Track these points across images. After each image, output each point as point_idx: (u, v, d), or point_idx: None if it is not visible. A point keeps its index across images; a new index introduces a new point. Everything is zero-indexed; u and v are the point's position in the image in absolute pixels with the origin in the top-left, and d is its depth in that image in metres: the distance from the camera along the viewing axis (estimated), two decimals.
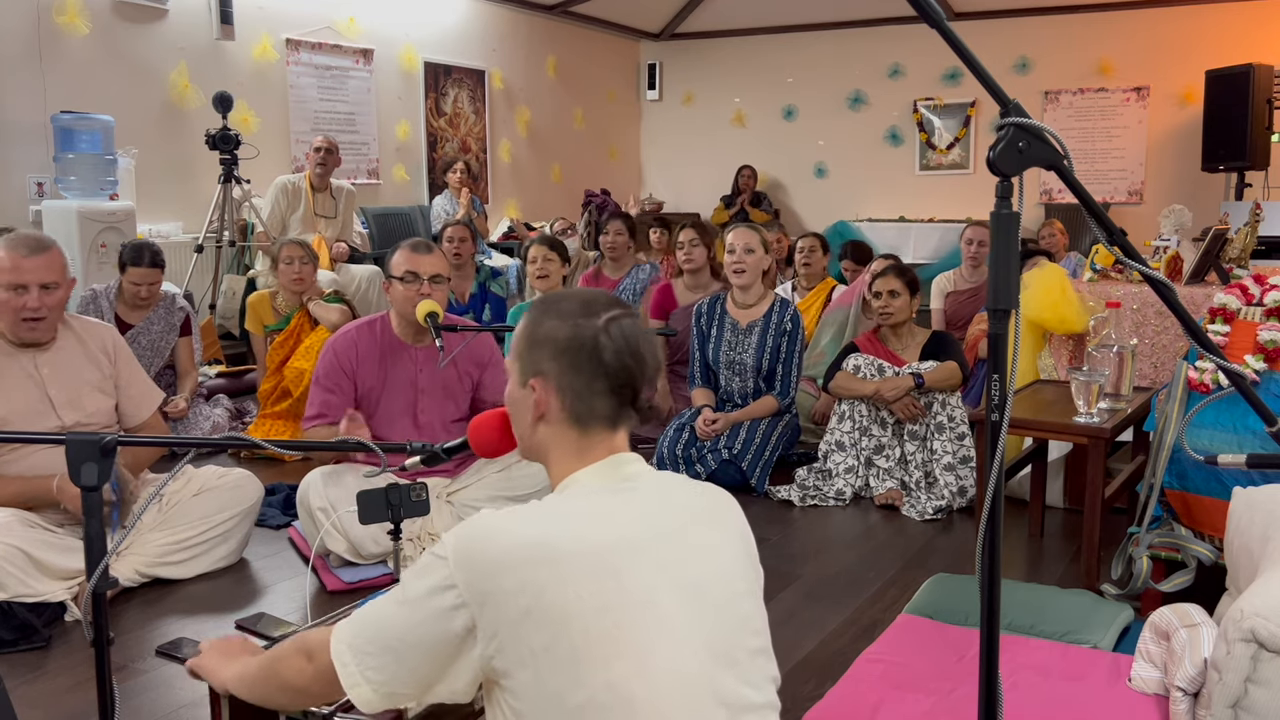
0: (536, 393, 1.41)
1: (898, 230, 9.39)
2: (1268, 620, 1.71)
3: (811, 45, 10.28)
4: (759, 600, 1.44)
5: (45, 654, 2.65)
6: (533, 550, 1.25)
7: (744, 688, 1.35)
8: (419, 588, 1.28)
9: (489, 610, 1.24)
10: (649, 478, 1.42)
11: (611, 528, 1.31)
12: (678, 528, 1.37)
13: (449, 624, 1.26)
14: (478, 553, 1.26)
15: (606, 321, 1.40)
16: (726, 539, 1.43)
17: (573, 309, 1.42)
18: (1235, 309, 2.95)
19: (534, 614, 1.23)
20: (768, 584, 1.51)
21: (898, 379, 3.93)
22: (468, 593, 1.25)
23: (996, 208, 1.25)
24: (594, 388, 1.40)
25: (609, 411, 1.41)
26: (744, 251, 4.26)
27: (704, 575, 1.35)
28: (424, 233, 7.70)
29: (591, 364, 1.39)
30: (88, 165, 5.55)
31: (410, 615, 1.28)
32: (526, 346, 1.44)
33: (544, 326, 1.42)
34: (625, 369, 1.40)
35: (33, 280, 2.86)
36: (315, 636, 1.41)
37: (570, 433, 1.41)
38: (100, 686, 1.67)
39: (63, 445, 1.64)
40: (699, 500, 1.44)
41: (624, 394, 1.41)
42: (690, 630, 1.30)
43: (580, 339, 1.39)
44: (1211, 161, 8.05)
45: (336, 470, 3.22)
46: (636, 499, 1.38)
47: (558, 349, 1.40)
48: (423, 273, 3.28)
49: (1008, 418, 1.26)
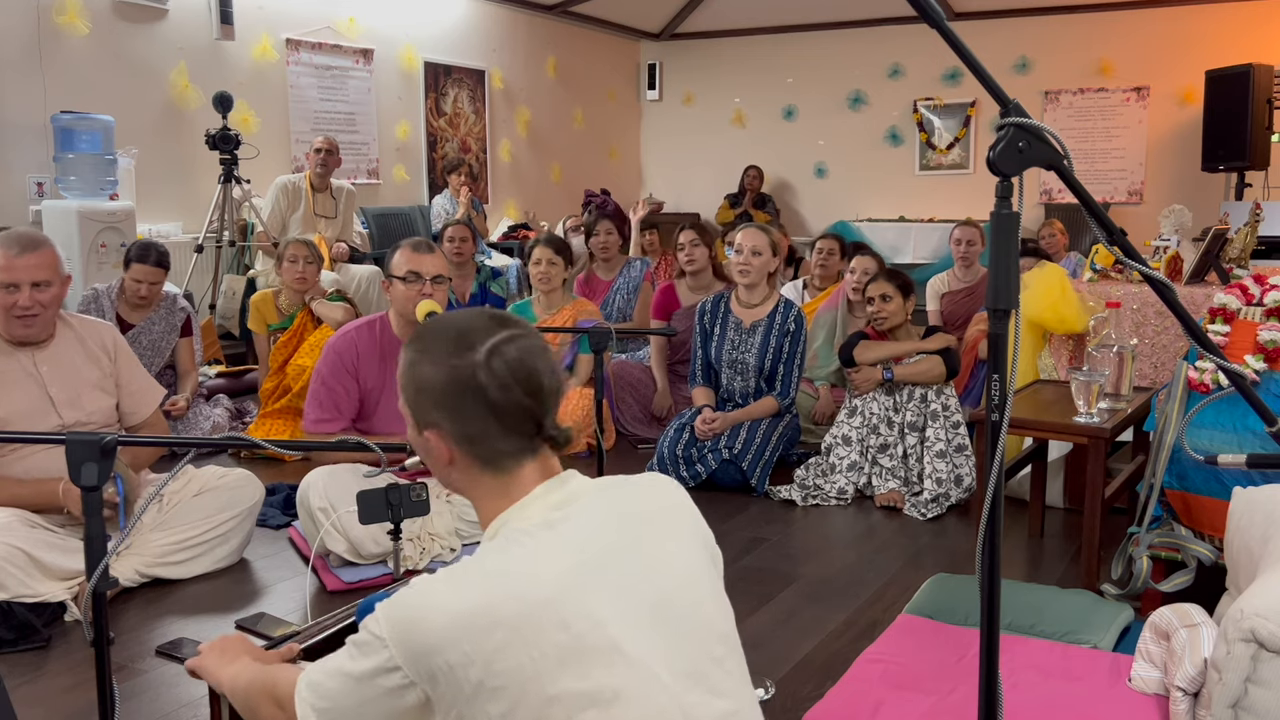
0: (433, 444, 1.34)
1: (898, 230, 9.40)
2: (1268, 620, 1.71)
3: (811, 45, 10.28)
4: (720, 598, 1.39)
5: (45, 654, 2.65)
6: (472, 620, 1.18)
7: (714, 699, 1.30)
8: (364, 666, 1.23)
9: (440, 686, 1.20)
10: (584, 499, 1.33)
11: (551, 570, 1.23)
12: (627, 544, 1.30)
13: (402, 699, 1.23)
14: (414, 632, 1.19)
15: (487, 355, 1.30)
16: (679, 541, 1.36)
17: (445, 347, 1.31)
18: (1235, 309, 2.95)
19: (487, 684, 1.18)
20: (768, 584, 1.51)
21: (870, 370, 4.01)
22: (413, 672, 1.20)
23: (996, 208, 1.25)
24: (489, 431, 1.31)
25: (515, 449, 1.33)
26: (751, 253, 4.26)
27: (660, 591, 1.29)
28: (424, 233, 7.70)
29: (478, 407, 1.29)
30: (88, 165, 5.55)
31: (361, 691, 1.24)
32: (412, 393, 1.35)
33: (421, 372, 1.33)
34: (516, 404, 1.30)
35: (24, 279, 2.86)
36: (284, 686, 1.38)
37: (482, 475, 1.34)
38: (100, 686, 1.67)
39: (63, 445, 1.64)
40: (644, 505, 1.37)
41: (525, 427, 1.32)
42: (653, 659, 1.25)
43: (459, 381, 1.30)
44: (1211, 161, 8.05)
45: (336, 470, 3.22)
46: (574, 528, 1.29)
47: (436, 396, 1.31)
48: (424, 272, 3.28)
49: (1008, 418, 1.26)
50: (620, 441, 4.82)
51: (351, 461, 3.26)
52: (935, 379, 3.94)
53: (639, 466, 4.29)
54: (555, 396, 1.35)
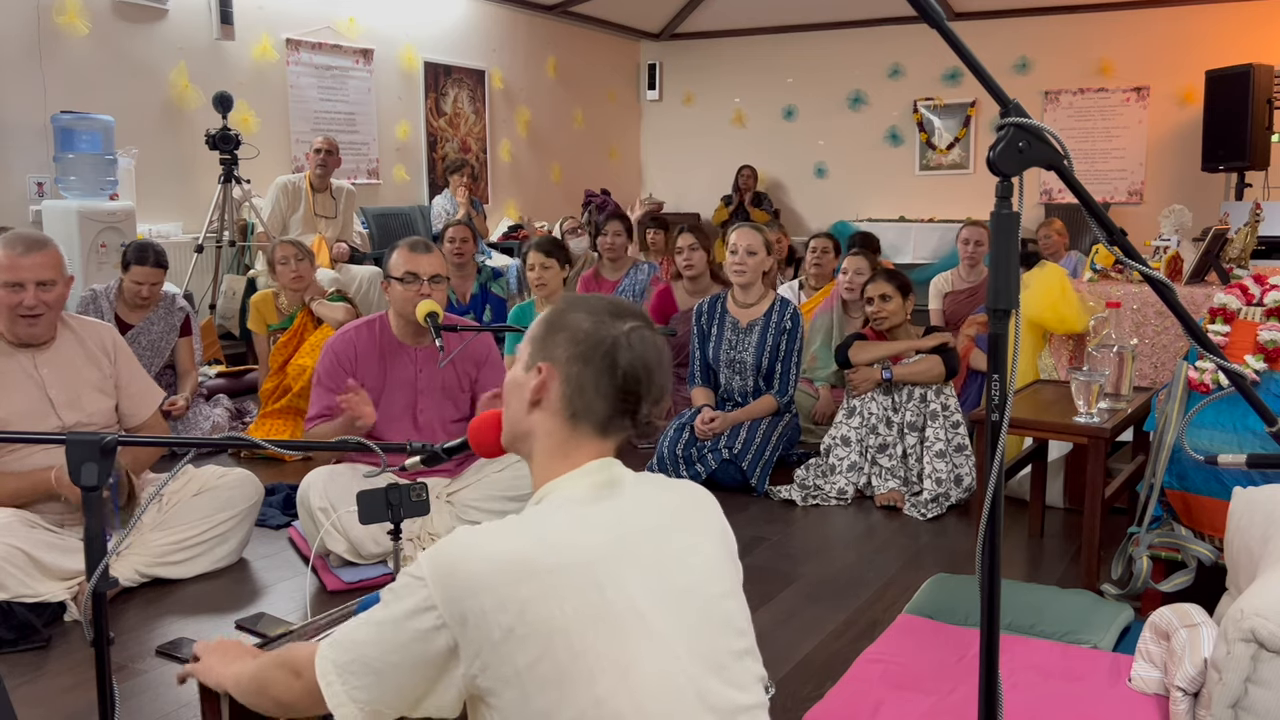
0: (541, 375, 1.40)
1: (898, 230, 9.39)
2: (1268, 620, 1.71)
3: (811, 45, 10.28)
4: (741, 599, 1.44)
5: (45, 654, 2.65)
6: (512, 567, 1.24)
7: (731, 691, 1.35)
8: (398, 609, 1.27)
9: (470, 630, 1.23)
10: (628, 483, 1.41)
11: (591, 539, 1.30)
12: (659, 533, 1.37)
13: (431, 644, 1.25)
14: (455, 573, 1.24)
15: (630, 329, 1.41)
16: (707, 540, 1.42)
17: (601, 307, 1.43)
18: (1235, 309, 2.95)
19: (517, 632, 1.22)
20: (768, 584, 1.52)
21: (869, 370, 4.01)
22: (447, 613, 1.23)
23: (996, 208, 1.25)
24: (599, 387, 1.39)
25: (604, 414, 1.40)
26: (746, 253, 4.26)
27: (687, 580, 1.35)
28: (424, 233, 7.69)
29: (603, 362, 1.38)
30: (88, 165, 5.55)
31: (392, 636, 1.27)
32: (545, 331, 1.43)
33: (569, 317, 1.42)
34: (634, 378, 1.39)
35: (29, 278, 2.87)
36: (301, 654, 1.40)
37: (560, 427, 1.40)
38: (100, 686, 1.67)
39: (63, 445, 1.64)
40: (678, 502, 1.44)
41: (625, 402, 1.40)
42: (675, 638, 1.30)
43: (600, 336, 1.39)
44: (1211, 161, 8.05)
45: (336, 470, 3.22)
46: (616, 506, 1.36)
47: (575, 338, 1.40)
48: (422, 273, 3.27)
49: (1008, 418, 1.26)
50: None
51: (351, 462, 3.27)
52: (934, 379, 3.94)
53: (639, 466, 4.26)
54: (660, 393, 1.44)
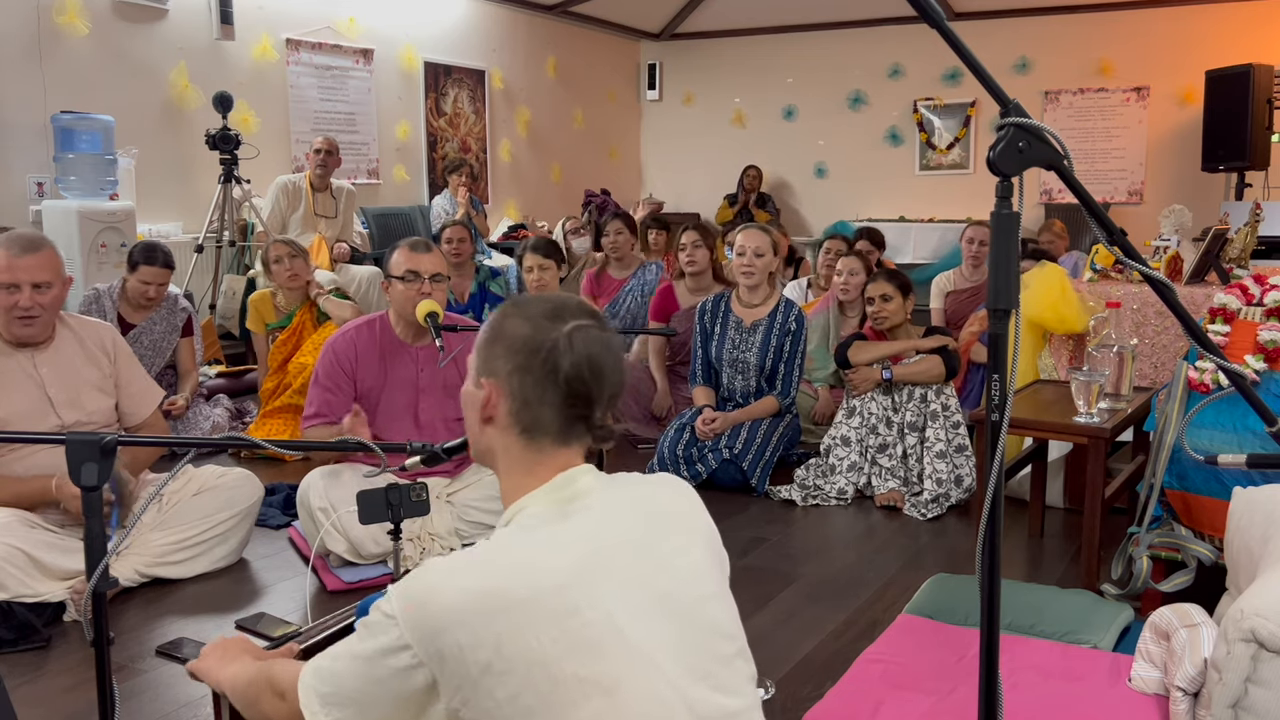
0: (486, 392, 1.35)
1: (898, 230, 9.38)
2: (1268, 620, 1.71)
3: (811, 45, 10.28)
4: (727, 600, 1.40)
5: (45, 654, 2.65)
6: (484, 601, 1.20)
7: (720, 697, 1.31)
8: (373, 646, 1.24)
9: (448, 666, 1.20)
10: (601, 492, 1.35)
11: (566, 559, 1.25)
12: (638, 541, 1.32)
13: (409, 681, 1.23)
14: (426, 611, 1.20)
15: (571, 330, 1.33)
16: (690, 542, 1.37)
17: (539, 311, 1.36)
18: (1235, 309, 2.95)
19: (495, 666, 1.19)
20: (768, 584, 1.51)
21: (869, 370, 4.01)
22: (422, 652, 1.21)
23: (996, 208, 1.25)
24: (544, 397, 1.33)
25: (557, 426, 1.34)
26: (754, 254, 4.26)
27: (670, 587, 1.31)
28: (424, 233, 7.69)
29: (544, 371, 1.32)
30: (88, 165, 5.55)
31: (370, 672, 1.24)
32: (486, 341, 1.38)
33: (506, 325, 1.36)
34: (580, 381, 1.32)
35: (25, 279, 2.86)
36: (286, 676, 1.39)
37: (516, 442, 1.35)
38: (100, 686, 1.67)
39: (63, 445, 1.64)
40: (657, 504, 1.39)
41: (575, 410, 1.34)
42: (659, 653, 1.26)
43: (538, 342, 1.32)
44: (1211, 161, 8.05)
45: (336, 470, 3.22)
46: (589, 520, 1.31)
47: (512, 348, 1.34)
48: (423, 272, 3.28)
49: (1008, 418, 1.26)
50: (620, 441, 4.82)
51: (351, 462, 3.27)
52: (935, 378, 3.94)
53: (639, 466, 4.28)
54: (615, 393, 1.37)
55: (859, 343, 4.10)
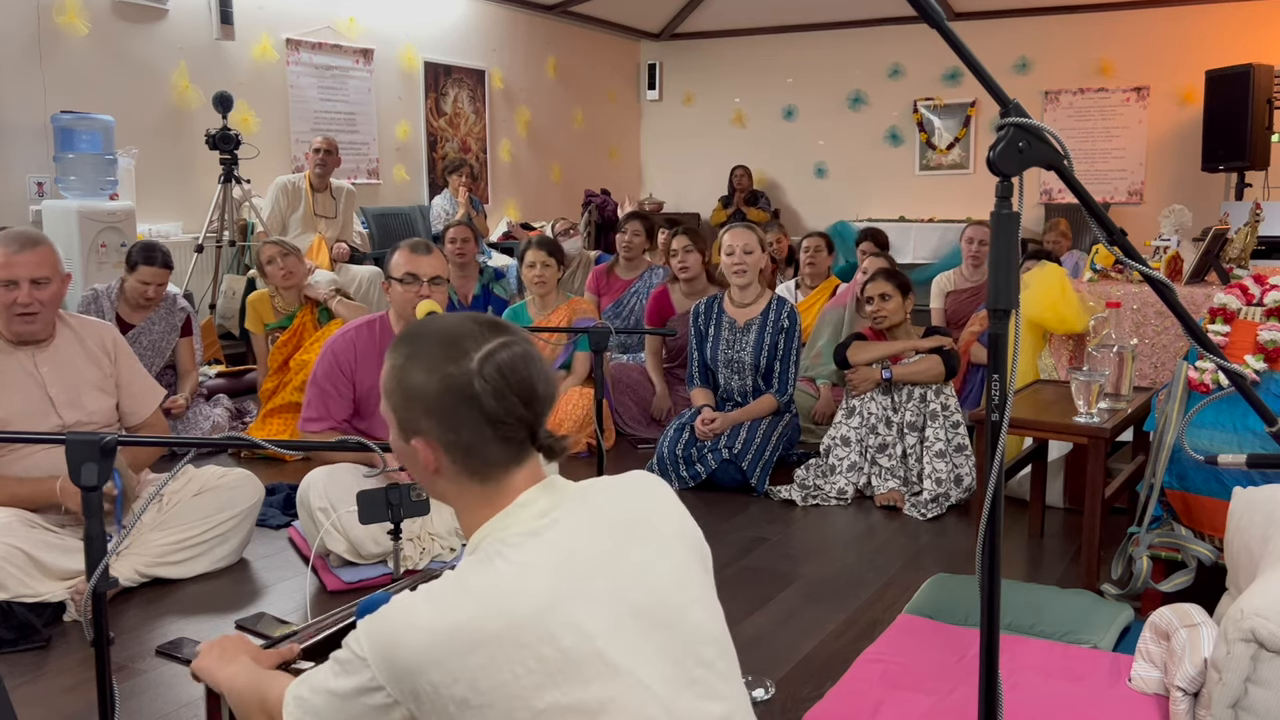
0: (419, 451, 1.31)
1: (898, 230, 9.36)
2: (1268, 620, 1.71)
3: (811, 45, 10.28)
4: (709, 599, 1.37)
5: (45, 654, 2.65)
6: (455, 639, 1.17)
7: (705, 703, 1.29)
8: (348, 685, 1.23)
9: (425, 704, 1.19)
10: (568, 505, 1.31)
11: (539, 582, 1.21)
12: (613, 551, 1.28)
13: (387, 718, 1.22)
14: (397, 652, 1.18)
15: (480, 362, 1.27)
16: (666, 545, 1.34)
17: (437, 353, 1.28)
18: (1235, 309, 2.95)
19: (472, 702, 1.17)
20: (768, 584, 1.51)
21: (868, 370, 4.00)
22: (397, 692, 1.19)
23: (996, 208, 1.26)
24: (482, 437, 1.28)
25: (505, 458, 1.30)
26: (744, 252, 4.27)
27: (649, 595, 1.28)
28: (424, 233, 7.70)
29: (472, 414, 1.26)
30: (88, 165, 5.55)
31: (346, 708, 1.24)
32: (399, 399, 1.31)
33: (411, 380, 1.29)
34: (511, 412, 1.28)
35: (23, 275, 2.86)
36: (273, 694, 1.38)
37: (470, 485, 1.31)
38: (100, 686, 1.67)
39: (63, 445, 1.64)
40: (628, 510, 1.34)
41: (519, 433, 1.30)
42: (642, 669, 1.24)
43: (453, 390, 1.26)
44: (1211, 161, 8.05)
45: (336, 470, 3.22)
46: (559, 536, 1.27)
47: (429, 406, 1.28)
48: (422, 274, 3.27)
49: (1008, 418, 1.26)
50: (620, 442, 4.82)
51: (351, 462, 3.26)
52: (934, 378, 3.94)
53: (639, 466, 4.26)
54: (549, 404, 1.33)
55: (858, 343, 4.11)
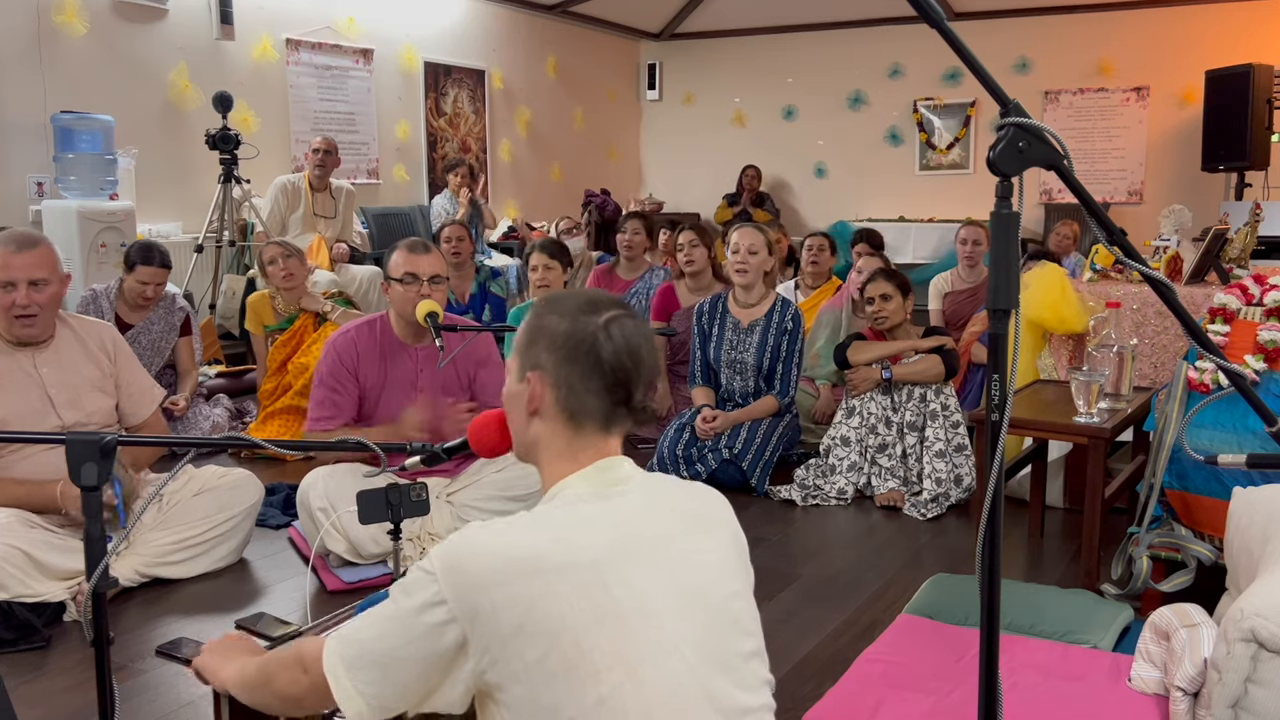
0: (532, 385, 1.41)
1: (898, 230, 9.38)
2: (1268, 620, 1.71)
3: (811, 45, 10.28)
4: (751, 602, 1.45)
5: (45, 654, 2.65)
6: (522, 564, 1.25)
7: (738, 692, 1.35)
8: (408, 604, 1.28)
9: (480, 625, 1.24)
10: (639, 482, 1.42)
11: (601, 536, 1.31)
12: (669, 533, 1.37)
13: (440, 639, 1.26)
14: (466, 569, 1.25)
15: (607, 320, 1.41)
16: (718, 542, 1.43)
17: (575, 306, 1.43)
18: (1235, 309, 2.95)
19: (526, 628, 1.23)
20: (768, 584, 1.52)
21: (868, 370, 4.00)
22: (457, 608, 1.24)
23: (996, 208, 1.25)
24: (589, 385, 1.39)
25: (603, 410, 1.41)
26: (748, 252, 4.27)
27: (696, 579, 1.35)
28: (424, 233, 7.69)
29: (588, 360, 1.39)
30: (88, 165, 5.55)
31: (401, 631, 1.28)
32: (527, 341, 1.45)
33: (545, 321, 1.43)
34: (622, 368, 1.40)
35: (21, 277, 2.86)
36: (309, 648, 1.40)
37: (563, 430, 1.41)
38: (100, 686, 1.67)
39: (63, 445, 1.64)
40: (690, 503, 1.44)
41: (618, 393, 1.41)
42: (683, 637, 1.30)
43: (579, 335, 1.39)
44: (1211, 161, 8.05)
45: (336, 470, 3.22)
46: (627, 505, 1.37)
47: (555, 343, 1.40)
48: (421, 273, 3.27)
49: (1008, 418, 1.26)
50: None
51: (351, 461, 3.26)
52: (934, 378, 3.94)
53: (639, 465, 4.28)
54: (652, 375, 1.45)
55: (858, 343, 4.11)
